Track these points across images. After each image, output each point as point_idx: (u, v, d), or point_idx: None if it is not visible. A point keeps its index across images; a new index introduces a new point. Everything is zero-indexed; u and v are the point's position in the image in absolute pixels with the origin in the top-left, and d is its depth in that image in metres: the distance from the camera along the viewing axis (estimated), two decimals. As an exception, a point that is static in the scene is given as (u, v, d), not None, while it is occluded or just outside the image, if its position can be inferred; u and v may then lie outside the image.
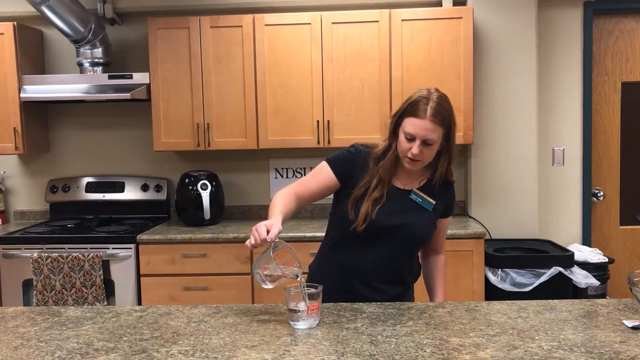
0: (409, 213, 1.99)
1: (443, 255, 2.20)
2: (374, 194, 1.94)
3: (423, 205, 2.00)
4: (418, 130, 1.84)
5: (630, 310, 1.82)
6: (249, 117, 3.62)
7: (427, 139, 1.85)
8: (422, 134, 1.84)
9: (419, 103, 1.85)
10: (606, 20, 3.91)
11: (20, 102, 3.69)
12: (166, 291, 3.42)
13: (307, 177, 2.03)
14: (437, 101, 1.85)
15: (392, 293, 2.05)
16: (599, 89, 3.94)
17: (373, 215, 1.92)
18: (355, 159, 2.00)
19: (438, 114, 1.84)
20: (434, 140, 1.86)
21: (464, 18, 3.50)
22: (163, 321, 1.81)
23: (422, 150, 1.86)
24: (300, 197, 1.98)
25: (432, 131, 1.84)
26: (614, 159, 3.98)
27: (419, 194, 2.00)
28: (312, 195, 2.00)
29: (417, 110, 1.84)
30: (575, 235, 3.94)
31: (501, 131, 3.70)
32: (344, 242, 2.03)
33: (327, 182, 2.00)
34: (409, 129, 1.85)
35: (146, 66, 3.70)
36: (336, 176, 1.99)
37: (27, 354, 1.57)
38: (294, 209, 1.94)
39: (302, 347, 1.56)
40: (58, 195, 3.99)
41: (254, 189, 4.05)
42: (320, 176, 2.00)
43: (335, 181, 1.99)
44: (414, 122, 1.84)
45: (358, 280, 2.01)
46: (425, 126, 1.83)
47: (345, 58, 3.56)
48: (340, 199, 2.01)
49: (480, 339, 1.60)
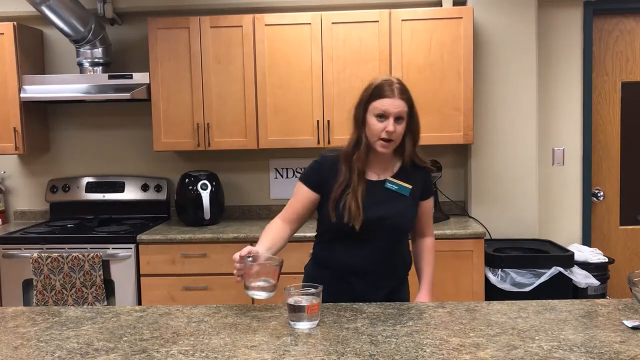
0: (388, 203, 2.04)
1: (430, 238, 2.24)
2: (353, 188, 1.99)
3: (400, 192, 2.06)
4: (390, 107, 1.94)
5: (630, 310, 1.82)
6: (249, 117, 3.62)
7: (399, 114, 1.95)
8: (395, 111, 1.95)
9: (384, 85, 1.97)
10: (606, 20, 3.91)
11: (20, 102, 3.69)
12: (166, 291, 3.42)
13: (291, 199, 2.11)
14: (400, 82, 1.99)
15: (389, 287, 2.10)
16: (599, 89, 3.94)
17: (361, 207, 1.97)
18: (323, 167, 2.07)
19: (404, 92, 1.97)
20: (404, 116, 1.97)
21: (464, 18, 3.50)
22: (163, 321, 1.81)
23: (396, 127, 1.95)
24: (290, 220, 2.07)
25: (402, 107, 1.96)
26: (614, 159, 3.98)
27: (393, 182, 2.06)
28: (300, 216, 2.08)
29: (384, 92, 1.95)
30: (575, 235, 3.94)
31: (501, 131, 3.70)
32: (333, 242, 2.08)
33: (307, 199, 2.07)
34: (381, 107, 1.95)
35: (146, 66, 3.70)
36: (312, 190, 2.06)
37: (27, 354, 1.57)
38: (285, 235, 2.04)
39: (302, 347, 1.56)
40: (58, 195, 3.99)
41: (254, 189, 4.05)
42: (300, 196, 2.08)
43: (313, 195, 2.06)
44: (384, 102, 1.95)
45: (354, 277, 2.04)
46: (396, 103, 1.95)
47: (345, 58, 3.56)
48: (322, 204, 2.07)
49: (480, 339, 1.60)
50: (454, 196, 3.94)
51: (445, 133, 3.55)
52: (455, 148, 3.92)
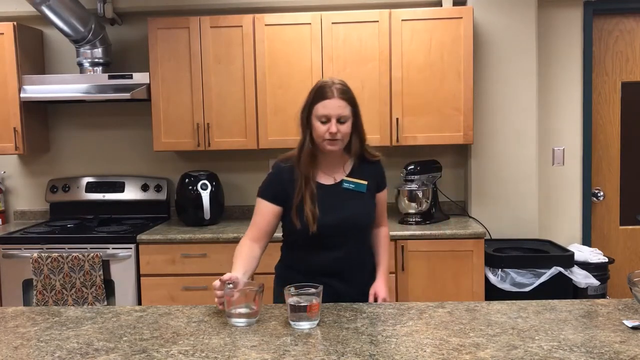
0: (347, 204, 2.07)
1: (385, 228, 2.29)
2: (303, 194, 2.02)
3: (357, 190, 2.09)
4: (330, 109, 1.98)
5: (630, 310, 1.82)
6: (249, 117, 3.62)
7: (340, 115, 1.98)
8: (336, 112, 1.98)
9: (325, 87, 2.00)
10: (606, 20, 3.91)
11: (20, 102, 3.69)
12: (166, 291, 3.42)
13: (254, 217, 2.13)
14: (340, 83, 2.03)
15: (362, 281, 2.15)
16: (599, 89, 3.94)
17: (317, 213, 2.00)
18: (280, 178, 2.09)
19: (344, 92, 2.00)
20: (347, 116, 2.00)
21: (464, 18, 3.50)
22: (163, 321, 1.81)
23: (339, 128, 1.98)
24: (258, 239, 2.08)
25: (343, 108, 1.98)
26: (614, 159, 3.98)
27: (350, 181, 2.10)
28: (266, 232, 2.09)
29: (325, 94, 1.99)
30: (575, 235, 3.94)
31: (501, 131, 3.70)
32: (301, 245, 2.09)
33: (270, 213, 2.09)
34: (322, 111, 1.99)
35: (146, 66, 3.70)
36: (273, 203, 2.08)
37: (27, 354, 1.57)
38: (256, 255, 2.05)
39: (302, 347, 1.56)
40: (58, 195, 3.99)
41: (254, 189, 3.96)
42: (262, 211, 2.10)
43: (275, 207, 2.08)
44: (325, 104, 1.98)
45: (325, 278, 2.02)
46: (337, 104, 1.98)
47: (345, 58, 3.56)
48: (285, 212, 2.09)
49: (480, 339, 1.60)
50: (454, 196, 3.94)
51: (445, 133, 3.55)
52: (455, 148, 3.92)
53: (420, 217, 3.62)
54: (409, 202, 3.62)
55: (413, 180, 3.63)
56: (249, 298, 1.78)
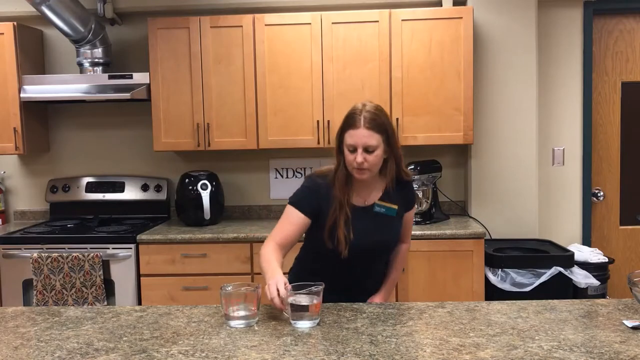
0: (379, 228, 2.08)
1: (407, 245, 2.31)
2: (341, 218, 2.01)
3: (388, 214, 2.10)
4: (356, 139, 1.96)
5: (630, 310, 1.82)
6: (249, 117, 3.62)
7: (366, 145, 1.96)
8: (361, 142, 1.95)
9: (354, 115, 1.98)
10: (606, 20, 3.91)
11: (20, 102, 3.69)
12: (166, 291, 3.42)
13: (280, 224, 2.08)
14: (370, 110, 1.99)
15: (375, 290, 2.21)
16: (599, 89, 3.94)
17: (351, 237, 2.01)
18: (317, 193, 2.07)
19: (372, 121, 1.96)
20: (374, 146, 1.96)
21: (464, 18, 3.50)
22: (163, 321, 1.81)
23: (366, 157, 1.97)
24: (283, 245, 2.05)
25: (369, 137, 1.95)
26: (614, 159, 3.98)
27: (381, 205, 2.10)
28: (292, 240, 2.06)
29: (352, 122, 1.97)
30: (575, 235, 3.94)
31: (501, 131, 3.70)
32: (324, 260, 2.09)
33: (301, 224, 2.06)
34: (349, 141, 1.98)
35: (146, 66, 3.70)
36: (305, 215, 2.05)
37: (27, 354, 1.57)
38: (282, 259, 2.02)
39: (302, 347, 1.56)
40: (58, 195, 3.99)
41: (254, 189, 4.05)
42: (291, 220, 2.06)
43: (306, 220, 2.06)
44: (352, 133, 1.97)
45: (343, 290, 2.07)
46: (362, 134, 1.95)
47: (345, 58, 3.56)
48: (313, 229, 2.07)
49: (480, 339, 1.60)
50: (454, 196, 3.94)
51: (445, 133, 3.55)
52: (455, 148, 3.92)
53: (420, 217, 3.62)
54: (409, 202, 3.61)
55: (413, 180, 3.62)
56: (248, 299, 1.77)
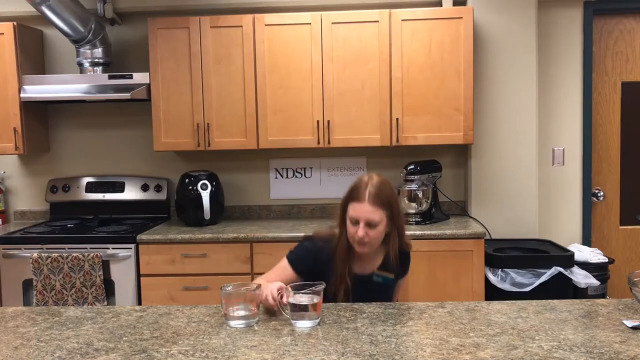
0: (376, 295, 2.07)
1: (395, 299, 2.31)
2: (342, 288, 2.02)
3: (385, 283, 2.11)
4: (359, 213, 1.95)
5: (630, 310, 1.82)
6: (249, 117, 3.62)
7: (369, 220, 1.95)
8: (364, 217, 1.95)
9: (359, 188, 1.98)
10: (606, 20, 3.91)
11: (20, 102, 3.69)
12: (166, 291, 3.42)
13: (274, 271, 2.08)
14: (376, 185, 1.99)
15: None
16: (599, 89, 3.94)
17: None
18: (317, 256, 2.06)
19: (377, 196, 1.96)
20: (377, 221, 1.96)
21: (464, 18, 3.50)
22: (163, 321, 1.81)
23: (368, 232, 1.96)
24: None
25: (372, 213, 1.95)
26: (614, 159, 3.98)
27: (379, 274, 2.10)
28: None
29: (357, 195, 1.98)
30: (575, 235, 3.94)
31: (501, 131, 3.70)
32: None
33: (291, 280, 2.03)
34: (352, 213, 1.97)
35: (146, 66, 3.70)
36: (298, 275, 2.05)
37: (27, 354, 1.57)
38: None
39: (302, 347, 1.56)
40: (58, 195, 3.98)
41: (254, 189, 4.05)
42: (283, 275, 2.05)
43: (298, 278, 2.04)
44: (355, 206, 1.96)
45: None
46: (366, 209, 1.95)
47: (345, 58, 3.56)
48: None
49: (480, 339, 1.60)
50: (454, 196, 3.94)
51: (445, 133, 3.55)
52: (455, 148, 3.92)
53: (420, 217, 3.62)
54: (409, 202, 3.62)
55: (413, 180, 3.63)
56: (248, 299, 1.77)
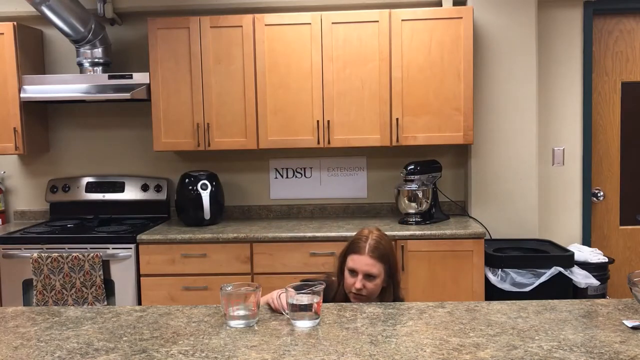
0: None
1: None
2: None
3: None
4: (358, 265, 2.01)
5: (630, 310, 1.82)
6: (249, 117, 3.62)
7: (368, 272, 2.01)
8: (363, 269, 2.00)
9: (359, 241, 2.04)
10: (606, 20, 3.91)
11: (20, 102, 3.69)
12: (166, 291, 3.42)
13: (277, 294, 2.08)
14: (376, 239, 2.06)
15: None
16: (599, 89, 3.94)
17: None
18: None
19: (376, 250, 2.03)
20: (375, 274, 2.02)
21: (464, 18, 3.50)
22: (163, 321, 1.81)
23: (365, 284, 2.01)
24: None
25: (371, 266, 2.00)
26: (614, 159, 3.98)
27: None
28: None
29: (357, 248, 2.05)
30: (575, 235, 3.94)
31: (501, 131, 3.70)
32: None
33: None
34: (351, 264, 2.02)
35: (146, 66, 3.70)
36: None
37: (27, 354, 1.57)
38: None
39: (302, 347, 1.56)
40: (58, 195, 3.98)
41: (254, 189, 4.05)
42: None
43: None
44: (354, 258, 2.02)
45: None
46: (365, 261, 2.01)
47: (345, 58, 3.56)
48: None
49: (480, 339, 1.60)
50: (454, 196, 3.94)
51: (445, 133, 3.55)
52: (455, 148, 3.92)
53: (420, 217, 3.62)
54: (408, 202, 3.62)
55: (413, 180, 3.63)
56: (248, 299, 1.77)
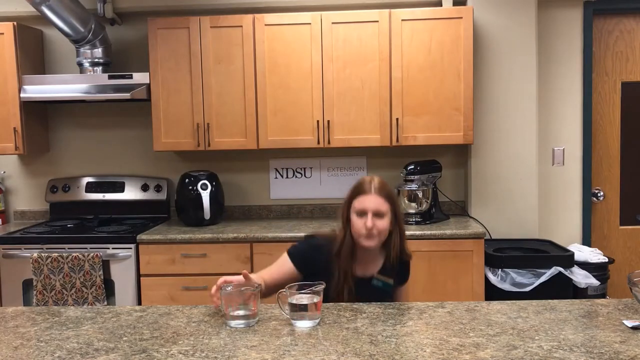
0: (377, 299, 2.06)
1: None
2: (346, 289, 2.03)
3: (384, 288, 2.13)
4: (367, 204, 2.02)
5: (630, 310, 1.82)
6: (249, 117, 3.62)
7: (377, 210, 2.01)
8: (372, 207, 2.01)
9: (364, 184, 2.06)
10: (606, 20, 3.91)
11: (20, 102, 3.69)
12: (166, 291, 3.42)
13: (272, 267, 2.11)
14: (379, 181, 2.08)
15: None
16: (599, 89, 3.94)
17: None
18: (317, 255, 2.08)
19: (382, 189, 2.05)
20: (384, 212, 2.03)
21: (464, 18, 3.50)
22: (163, 321, 1.81)
23: (375, 222, 2.01)
24: (267, 284, 2.04)
25: (380, 204, 2.02)
26: (614, 159, 3.98)
27: (379, 279, 2.13)
28: (276, 284, 2.04)
29: (362, 189, 2.06)
30: (575, 235, 3.94)
31: (501, 131, 3.70)
32: None
33: (290, 275, 2.07)
34: (358, 206, 2.03)
35: (146, 66, 3.70)
36: (298, 269, 2.07)
37: (27, 354, 1.57)
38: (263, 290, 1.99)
39: (302, 347, 1.56)
40: (58, 195, 3.98)
41: (254, 189, 4.05)
42: (282, 268, 2.09)
43: (296, 274, 2.07)
44: (362, 199, 2.03)
45: None
46: (373, 199, 2.02)
47: (345, 58, 3.56)
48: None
49: (480, 339, 1.60)
50: (454, 196, 3.94)
51: (445, 133, 3.55)
52: (455, 148, 3.92)
53: (420, 217, 3.62)
54: (408, 202, 3.62)
55: (413, 180, 3.63)
56: (247, 299, 1.77)
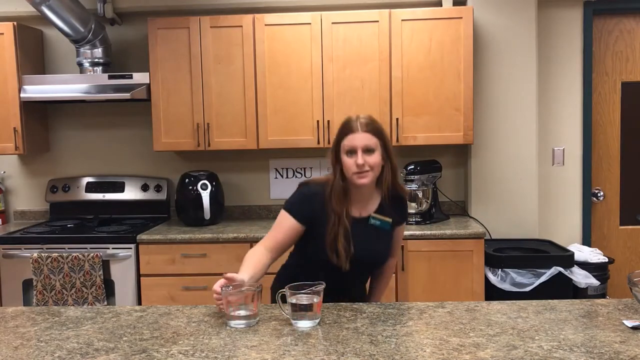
0: (372, 241, 2.08)
1: (394, 259, 2.32)
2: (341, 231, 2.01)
3: (382, 227, 2.11)
4: (355, 141, 2.00)
5: (630, 310, 1.82)
6: (249, 117, 3.62)
7: (366, 146, 1.99)
8: (361, 143, 1.99)
9: (350, 122, 2.04)
10: (606, 20, 3.91)
11: (20, 102, 3.69)
12: (166, 291, 3.42)
13: (273, 229, 2.08)
14: (366, 117, 2.05)
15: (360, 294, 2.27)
16: (599, 89, 3.94)
17: (352, 251, 2.02)
18: (312, 201, 2.06)
19: (369, 124, 2.02)
20: (373, 147, 2.00)
21: (464, 18, 3.50)
22: (163, 321, 1.81)
23: (366, 159, 1.98)
24: (272, 249, 2.04)
25: (368, 139, 2.00)
26: (614, 159, 3.98)
27: (376, 217, 2.10)
28: (282, 246, 2.06)
29: (349, 128, 2.02)
30: (575, 235, 3.94)
31: (501, 131, 3.70)
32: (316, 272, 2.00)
33: (293, 230, 2.05)
34: (347, 144, 2.01)
35: (146, 66, 3.70)
36: (299, 222, 2.05)
37: (27, 354, 1.57)
38: (267, 263, 2.00)
39: (302, 347, 1.56)
40: (58, 195, 3.99)
41: (254, 189, 4.05)
42: (284, 227, 2.06)
43: (299, 226, 2.05)
44: (350, 138, 2.01)
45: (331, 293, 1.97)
46: (361, 136, 2.00)
47: (345, 58, 3.56)
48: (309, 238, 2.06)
49: (480, 339, 1.60)
50: (454, 196, 3.94)
51: (445, 133, 3.55)
52: (455, 148, 3.92)
53: (420, 217, 3.62)
54: (408, 202, 3.61)
55: (413, 180, 3.63)
56: (248, 299, 1.77)
